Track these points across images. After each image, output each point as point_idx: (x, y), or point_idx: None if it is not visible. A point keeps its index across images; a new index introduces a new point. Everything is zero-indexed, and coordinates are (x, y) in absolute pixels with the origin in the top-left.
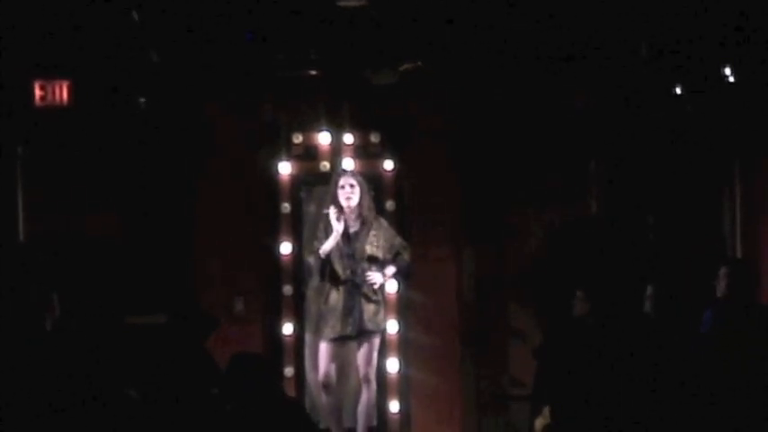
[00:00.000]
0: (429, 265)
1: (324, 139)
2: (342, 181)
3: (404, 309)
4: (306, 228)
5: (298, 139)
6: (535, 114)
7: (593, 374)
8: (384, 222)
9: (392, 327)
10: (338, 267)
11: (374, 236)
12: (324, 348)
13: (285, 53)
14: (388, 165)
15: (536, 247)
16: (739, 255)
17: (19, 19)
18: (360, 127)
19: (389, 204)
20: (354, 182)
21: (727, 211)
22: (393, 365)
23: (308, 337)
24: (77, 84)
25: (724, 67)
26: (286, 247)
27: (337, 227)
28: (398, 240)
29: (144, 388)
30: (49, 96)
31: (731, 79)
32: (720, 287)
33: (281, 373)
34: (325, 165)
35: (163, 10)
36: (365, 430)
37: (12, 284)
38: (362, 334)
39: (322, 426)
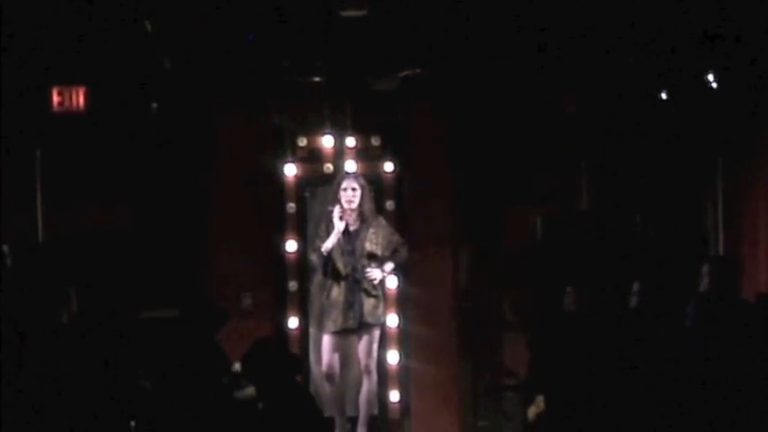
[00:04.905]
0: (427, 262)
1: (327, 142)
2: (344, 184)
3: (403, 303)
4: (310, 226)
5: (302, 142)
6: (529, 118)
7: (583, 365)
8: (383, 221)
9: (392, 320)
10: (339, 264)
11: (373, 234)
12: (326, 341)
13: (291, 60)
14: (389, 166)
15: (529, 244)
16: (721, 251)
17: (38, 29)
18: (361, 130)
19: (389, 204)
20: (356, 185)
21: (710, 209)
22: (393, 357)
23: (311, 331)
24: (93, 90)
25: (707, 73)
26: (291, 245)
27: (339, 225)
28: (396, 238)
29: (157, 379)
30: (67, 102)
31: (714, 85)
32: (703, 283)
33: (298, 363)
34: (329, 167)
35: (174, 20)
36: (367, 418)
37: (31, 281)
38: (363, 327)
39: (326, 414)
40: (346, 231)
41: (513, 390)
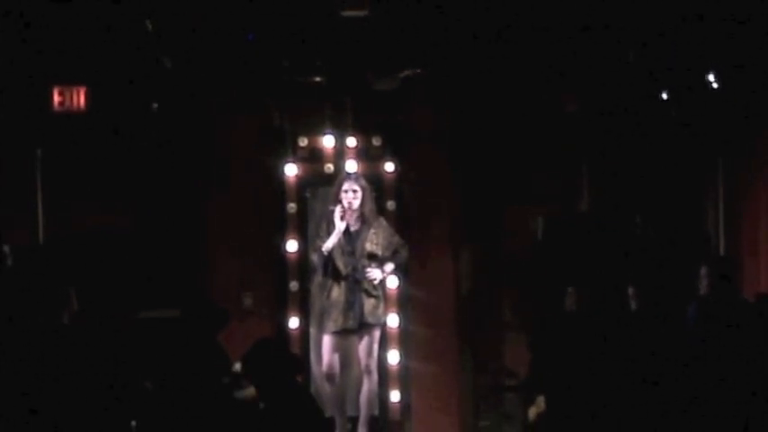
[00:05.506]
0: (427, 262)
1: (328, 142)
2: (345, 185)
3: (404, 303)
4: (310, 227)
5: (303, 142)
6: (528, 118)
7: (583, 365)
8: (384, 221)
9: (393, 320)
10: (340, 264)
11: (374, 234)
12: (327, 341)
13: (291, 60)
14: (389, 167)
15: (530, 245)
16: (722, 251)
17: (39, 29)
18: (362, 130)
19: (390, 204)
20: (357, 187)
21: (710, 209)
22: (394, 357)
23: (312, 331)
24: (94, 90)
25: (708, 73)
26: (292, 245)
27: (339, 225)
28: (397, 238)
29: (158, 380)
30: (67, 102)
31: (714, 85)
32: (703, 285)
33: (299, 363)
34: (330, 167)
35: (174, 20)
36: (367, 418)
37: (31, 281)
38: (363, 327)
39: (327, 414)
40: (347, 232)
41: (513, 390)
